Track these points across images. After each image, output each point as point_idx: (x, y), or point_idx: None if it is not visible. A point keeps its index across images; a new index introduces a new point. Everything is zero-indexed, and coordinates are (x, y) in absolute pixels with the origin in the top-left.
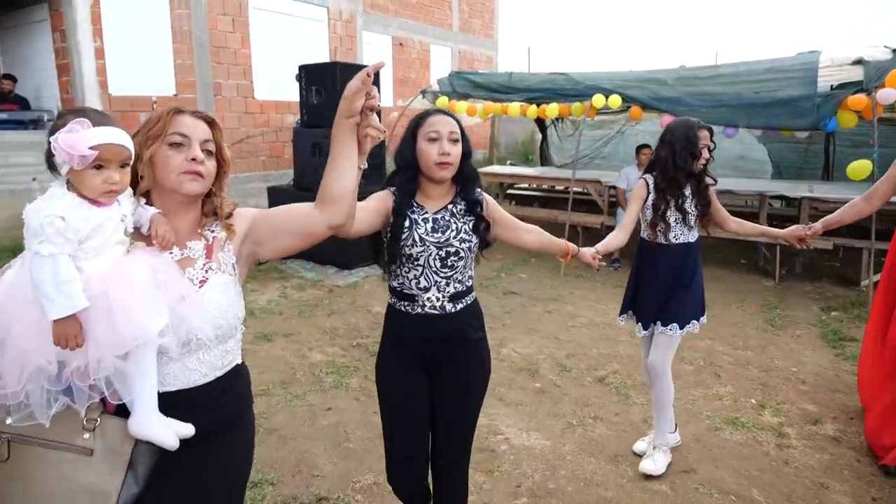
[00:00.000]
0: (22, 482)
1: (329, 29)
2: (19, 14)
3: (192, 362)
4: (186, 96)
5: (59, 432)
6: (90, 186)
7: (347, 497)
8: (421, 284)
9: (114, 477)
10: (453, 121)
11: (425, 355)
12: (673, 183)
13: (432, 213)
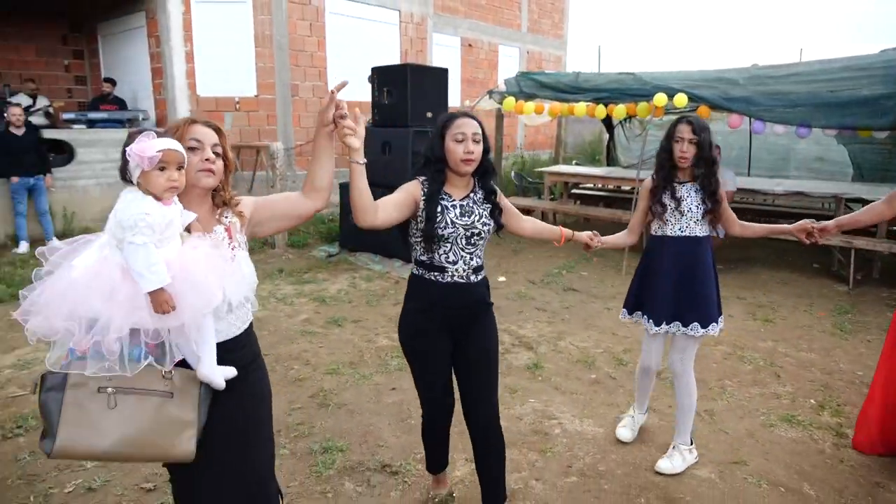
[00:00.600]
0: (127, 423)
1: (400, 31)
2: (120, 21)
3: (231, 320)
4: (266, 97)
5: (147, 382)
6: (156, 185)
7: (409, 465)
8: (450, 259)
9: (191, 410)
10: (476, 123)
11: (452, 319)
12: (665, 175)
13: (459, 201)
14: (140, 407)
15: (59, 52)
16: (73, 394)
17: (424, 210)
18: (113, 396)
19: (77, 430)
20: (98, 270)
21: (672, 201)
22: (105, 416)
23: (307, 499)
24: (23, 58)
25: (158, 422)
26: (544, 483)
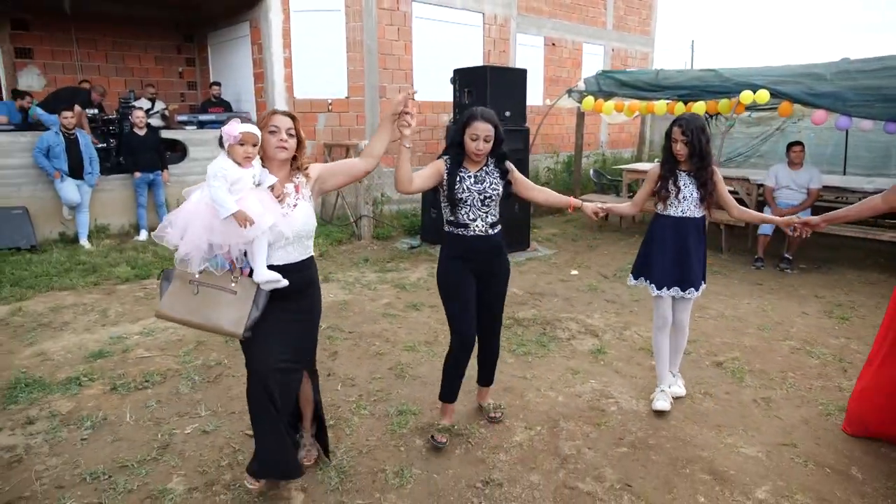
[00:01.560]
0: (202, 304)
1: (484, 33)
2: (227, 31)
3: (289, 249)
4: (356, 99)
5: (222, 281)
6: (236, 154)
7: (472, 429)
8: (471, 217)
9: (245, 306)
10: (490, 126)
11: (476, 262)
12: (669, 167)
13: (474, 172)
14: (212, 296)
15: (175, 61)
16: (176, 282)
17: (447, 180)
18: (197, 286)
19: (171, 302)
20: (197, 207)
21: (674, 188)
22: (190, 298)
23: (383, 451)
24: (144, 66)
25: (222, 307)
26: (596, 451)
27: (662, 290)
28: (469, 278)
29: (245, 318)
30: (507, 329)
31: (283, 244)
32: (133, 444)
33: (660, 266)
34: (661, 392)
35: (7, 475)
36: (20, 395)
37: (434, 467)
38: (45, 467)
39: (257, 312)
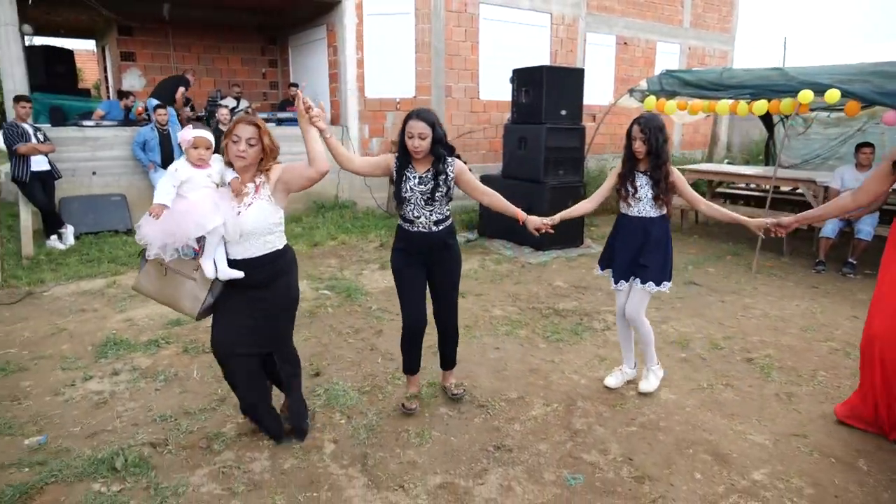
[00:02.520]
0: (167, 285)
1: (551, 33)
2: (306, 34)
3: (247, 245)
4: (423, 98)
5: (186, 268)
6: (192, 156)
7: (494, 402)
8: (415, 214)
9: (202, 292)
10: (423, 123)
11: (422, 254)
12: (626, 166)
13: (419, 174)
14: (177, 280)
15: (259, 62)
16: (150, 263)
17: (395, 179)
18: (166, 270)
19: (144, 280)
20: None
21: (631, 188)
22: (158, 278)
23: (409, 415)
24: (231, 67)
25: (183, 291)
26: (606, 429)
27: (619, 283)
28: (415, 269)
29: (200, 303)
30: (545, 318)
31: (238, 240)
32: (196, 396)
33: (618, 261)
34: (619, 371)
35: (95, 412)
36: (109, 351)
37: (452, 431)
38: (125, 409)
39: (212, 299)
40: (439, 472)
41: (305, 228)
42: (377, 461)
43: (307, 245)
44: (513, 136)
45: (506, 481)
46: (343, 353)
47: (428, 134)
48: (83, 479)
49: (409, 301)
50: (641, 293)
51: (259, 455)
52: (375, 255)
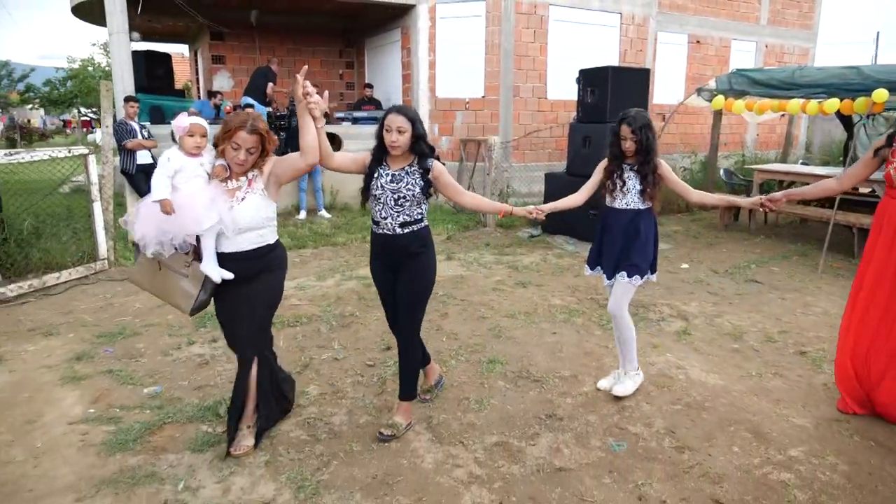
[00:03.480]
0: (161, 280)
1: (621, 33)
2: (381, 37)
3: (239, 239)
4: (491, 98)
5: (178, 264)
6: (187, 144)
7: (549, 378)
8: (382, 215)
9: (195, 289)
10: (403, 118)
11: (388, 258)
12: (613, 162)
13: (392, 171)
14: (169, 275)
15: (336, 64)
16: (144, 257)
17: (366, 176)
18: (159, 264)
19: (139, 272)
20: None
21: (619, 181)
22: (153, 273)
23: (470, 386)
24: (311, 69)
25: (176, 287)
26: (652, 406)
27: (612, 278)
28: (384, 276)
29: (193, 300)
30: (602, 308)
31: (231, 235)
32: (283, 361)
33: (607, 257)
34: (626, 376)
35: (199, 370)
36: (207, 322)
37: (509, 401)
38: (224, 369)
39: (205, 296)
40: (495, 433)
41: None
42: (440, 422)
43: None
44: (577, 134)
45: (555, 444)
46: None
47: (407, 129)
48: (193, 422)
49: (383, 305)
50: (625, 286)
51: (338, 411)
52: (443, 246)
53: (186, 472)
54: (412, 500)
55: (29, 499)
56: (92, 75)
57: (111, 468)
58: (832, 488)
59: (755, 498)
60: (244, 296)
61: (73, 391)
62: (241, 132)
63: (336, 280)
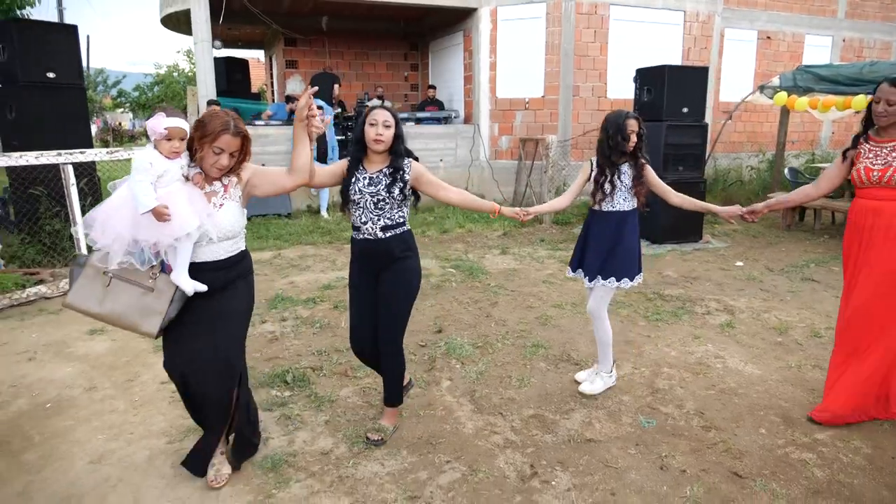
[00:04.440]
0: (114, 300)
1: (684, 31)
2: (444, 40)
3: (215, 247)
4: (551, 97)
5: (138, 277)
6: (164, 148)
7: (589, 362)
8: (362, 219)
9: (163, 304)
10: (388, 114)
11: (369, 265)
12: (608, 161)
13: (370, 174)
14: (126, 292)
15: (401, 67)
16: (88, 271)
17: (344, 180)
18: (110, 279)
19: (82, 294)
20: (120, 204)
21: (609, 185)
22: (101, 291)
23: (513, 366)
24: (377, 72)
25: (135, 306)
26: (685, 390)
27: (594, 282)
28: (363, 284)
29: (161, 318)
30: (649, 301)
31: (205, 242)
32: (344, 339)
33: (590, 260)
34: (597, 376)
35: (270, 345)
36: (278, 304)
37: (548, 381)
38: (291, 344)
39: (174, 312)
40: (532, 407)
41: (437, 217)
42: (482, 395)
43: (437, 231)
44: None
45: (587, 419)
46: (462, 317)
47: (392, 123)
48: (264, 386)
49: (356, 325)
50: (605, 290)
51: None
52: (498, 242)
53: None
54: (452, 457)
55: (131, 439)
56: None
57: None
58: (852, 468)
59: (772, 472)
60: (216, 309)
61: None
62: (224, 135)
63: None
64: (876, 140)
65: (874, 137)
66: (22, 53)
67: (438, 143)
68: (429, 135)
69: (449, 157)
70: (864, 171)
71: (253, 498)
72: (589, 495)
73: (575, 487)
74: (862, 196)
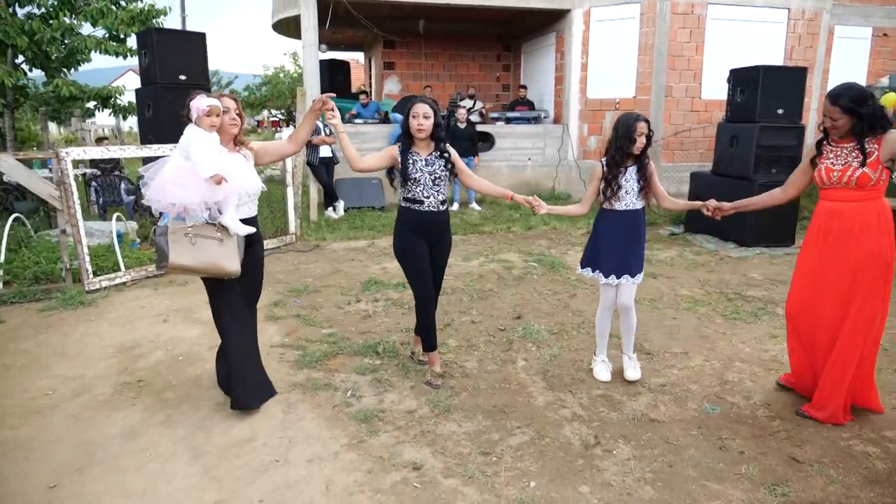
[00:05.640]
0: (201, 252)
1: (787, 29)
2: (537, 41)
3: (250, 206)
4: (642, 98)
5: (209, 231)
6: (204, 123)
7: (661, 353)
8: (424, 194)
9: (233, 248)
10: (427, 106)
11: (426, 233)
12: (616, 162)
13: (424, 156)
14: (206, 244)
15: (494, 68)
16: (173, 237)
17: (401, 162)
18: (192, 238)
19: (178, 253)
20: (175, 172)
21: (616, 185)
22: (189, 248)
23: (585, 352)
24: (470, 73)
25: (218, 253)
26: (755, 383)
27: (610, 278)
28: (421, 247)
29: (238, 259)
30: (729, 301)
31: (243, 202)
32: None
33: (606, 256)
34: (602, 363)
35: (363, 321)
36: (371, 287)
37: (619, 367)
38: (382, 321)
39: (241, 254)
40: (601, 388)
41: (522, 214)
42: (554, 375)
43: (522, 228)
44: (725, 134)
45: (654, 402)
46: (541, 306)
47: (431, 115)
48: (358, 355)
49: (422, 276)
50: (634, 286)
51: (470, 359)
52: (581, 239)
53: (352, 386)
54: (522, 424)
55: None
56: (282, 81)
57: (300, 377)
58: None
59: (832, 461)
60: (252, 256)
61: (273, 326)
62: (224, 97)
63: (479, 262)
64: (836, 141)
65: (835, 139)
66: (160, 59)
67: (527, 142)
68: (518, 134)
69: (537, 156)
70: (825, 171)
71: (348, 441)
72: (647, 465)
73: (634, 458)
74: (824, 198)
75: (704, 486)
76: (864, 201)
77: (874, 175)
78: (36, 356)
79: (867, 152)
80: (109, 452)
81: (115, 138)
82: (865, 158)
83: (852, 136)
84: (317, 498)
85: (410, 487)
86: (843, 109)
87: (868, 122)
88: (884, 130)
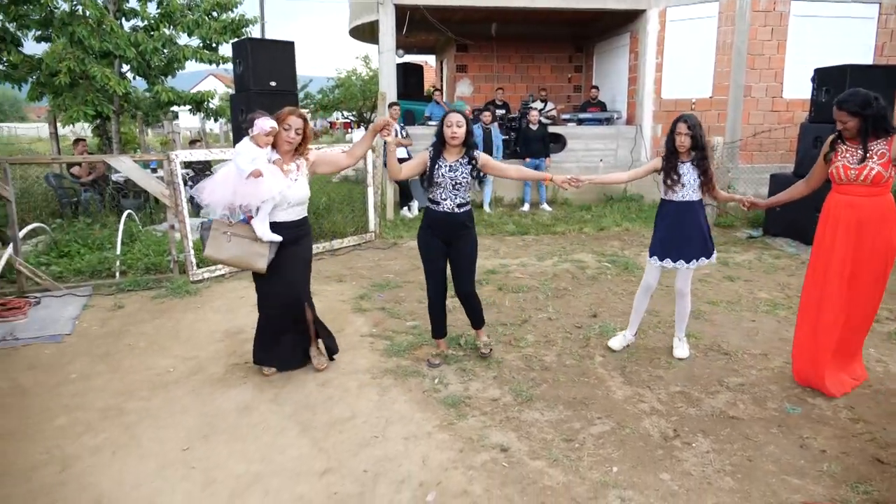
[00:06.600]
0: (235, 249)
1: (878, 25)
2: (610, 42)
3: (289, 211)
4: (719, 98)
5: (245, 231)
6: (260, 140)
7: (739, 354)
8: (442, 196)
9: (265, 249)
10: (461, 116)
11: (444, 232)
12: (670, 157)
13: (449, 163)
14: (241, 242)
15: (565, 69)
16: (213, 233)
17: (429, 166)
18: (229, 236)
19: (213, 248)
20: (226, 176)
21: (676, 176)
22: (226, 245)
23: (662, 350)
24: (541, 74)
25: (248, 251)
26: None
27: (653, 258)
28: (436, 243)
29: (266, 258)
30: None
31: (285, 207)
32: (508, 315)
33: (661, 241)
34: (622, 335)
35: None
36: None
37: (695, 365)
38: (462, 317)
39: (272, 255)
40: (679, 385)
41: (594, 215)
42: (632, 371)
43: (594, 228)
44: (808, 135)
45: (733, 400)
46: (616, 305)
47: (463, 123)
48: None
49: (433, 272)
50: (689, 272)
51: (549, 353)
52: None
53: (439, 374)
54: (602, 414)
55: (343, 372)
56: (354, 84)
57: (390, 364)
58: None
59: None
60: (293, 255)
61: (361, 317)
62: (291, 117)
63: (553, 261)
64: (850, 141)
65: (849, 139)
66: (253, 66)
67: (599, 143)
68: (590, 135)
69: (609, 157)
70: (843, 168)
71: (439, 422)
72: (727, 458)
73: (714, 451)
74: (839, 191)
75: (784, 480)
76: (875, 196)
77: (886, 174)
78: (154, 338)
79: (879, 153)
80: (229, 423)
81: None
82: (866, 154)
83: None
84: (415, 471)
85: (500, 466)
86: (849, 113)
87: (871, 123)
88: (887, 132)
